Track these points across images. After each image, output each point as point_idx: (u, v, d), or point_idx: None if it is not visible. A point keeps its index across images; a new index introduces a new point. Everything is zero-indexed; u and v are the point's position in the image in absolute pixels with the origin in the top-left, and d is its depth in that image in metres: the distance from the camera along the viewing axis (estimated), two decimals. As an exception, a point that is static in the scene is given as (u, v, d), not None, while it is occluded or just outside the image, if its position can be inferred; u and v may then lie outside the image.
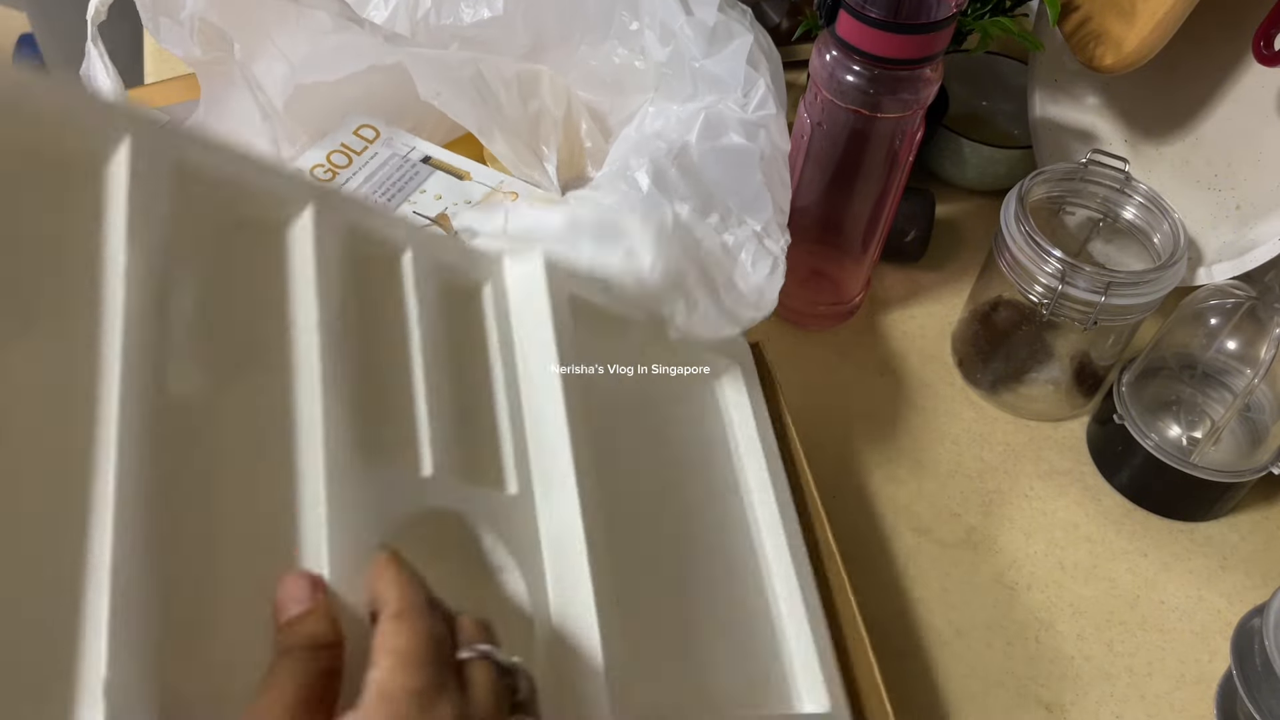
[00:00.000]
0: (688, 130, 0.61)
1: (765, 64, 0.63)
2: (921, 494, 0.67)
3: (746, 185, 0.60)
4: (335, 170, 0.69)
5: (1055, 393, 0.71)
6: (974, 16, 0.76)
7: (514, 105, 0.68)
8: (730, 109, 0.62)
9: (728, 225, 0.59)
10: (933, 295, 0.78)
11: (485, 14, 0.66)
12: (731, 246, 0.58)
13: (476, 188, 0.70)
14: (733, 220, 0.60)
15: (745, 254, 0.58)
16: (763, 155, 0.60)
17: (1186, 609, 0.63)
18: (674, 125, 0.62)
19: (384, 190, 0.69)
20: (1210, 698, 0.59)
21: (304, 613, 0.34)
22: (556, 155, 0.71)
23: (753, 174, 0.60)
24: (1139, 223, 0.68)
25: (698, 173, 0.60)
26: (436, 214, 0.68)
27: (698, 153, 0.60)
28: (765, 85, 0.62)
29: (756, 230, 0.59)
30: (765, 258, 0.58)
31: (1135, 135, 0.78)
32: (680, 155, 0.60)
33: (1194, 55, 0.73)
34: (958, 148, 0.82)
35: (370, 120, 0.71)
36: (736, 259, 0.58)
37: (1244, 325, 0.64)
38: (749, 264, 0.58)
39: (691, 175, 0.60)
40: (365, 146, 0.71)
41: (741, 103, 0.62)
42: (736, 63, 0.62)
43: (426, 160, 0.71)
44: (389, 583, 0.35)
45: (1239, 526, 0.67)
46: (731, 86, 0.63)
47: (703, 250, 0.57)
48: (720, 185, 0.60)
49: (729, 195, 0.60)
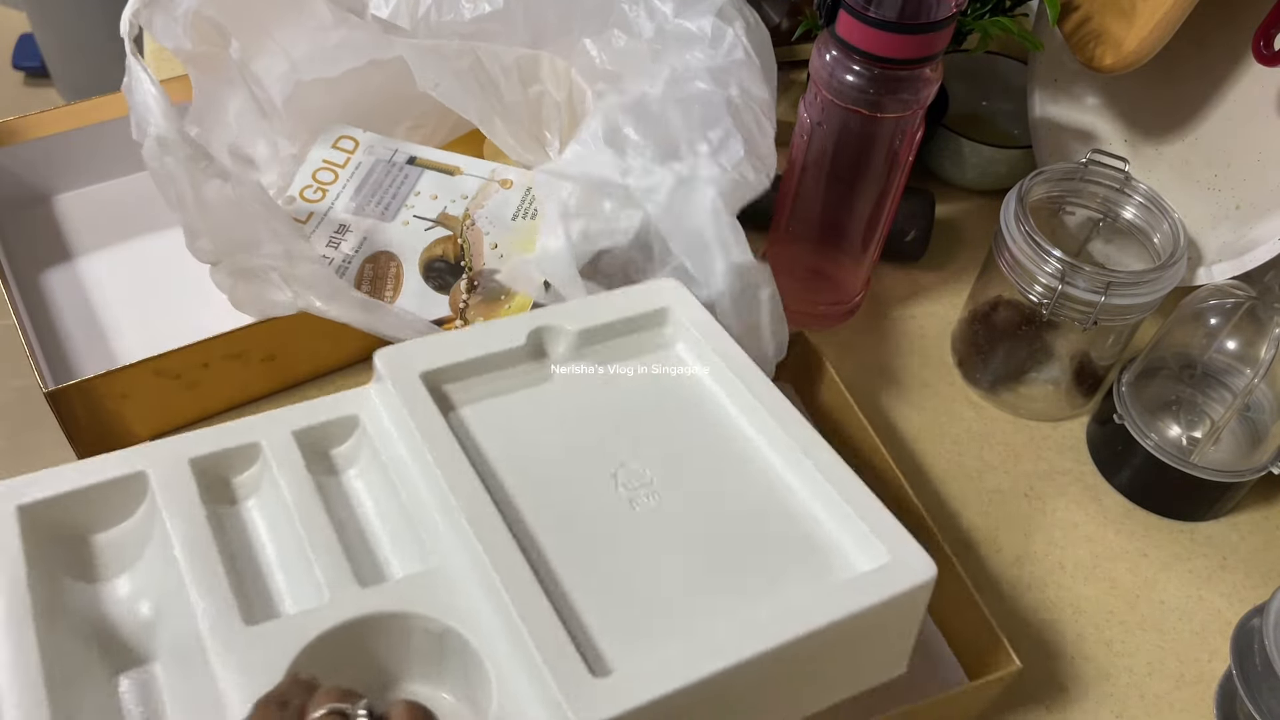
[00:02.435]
0: (652, 82, 0.61)
1: (740, 20, 0.63)
2: (921, 494, 0.67)
3: (715, 130, 0.59)
4: (324, 189, 0.69)
5: (1055, 393, 0.71)
6: (974, 16, 0.76)
7: (514, 91, 0.68)
8: (696, 58, 0.62)
9: (684, 161, 0.59)
10: (933, 295, 0.78)
11: (486, 8, 0.66)
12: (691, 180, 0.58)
13: (469, 181, 0.70)
14: (701, 164, 0.59)
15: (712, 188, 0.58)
16: (730, 100, 0.59)
17: (1186, 609, 0.63)
18: (641, 80, 0.62)
19: (377, 198, 0.68)
20: (1210, 698, 0.59)
21: None
22: (560, 138, 0.70)
23: (720, 118, 0.59)
24: (1139, 223, 0.68)
25: (657, 121, 0.59)
26: (437, 214, 0.68)
27: (658, 102, 0.59)
28: (734, 36, 0.61)
29: (721, 162, 0.58)
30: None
31: (1135, 135, 0.78)
32: (638, 106, 0.59)
33: (1194, 55, 0.73)
34: (958, 148, 0.82)
35: (348, 130, 0.71)
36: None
37: (1244, 325, 0.64)
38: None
39: (649, 124, 0.59)
40: (347, 158, 0.70)
41: (709, 53, 0.62)
42: (705, 18, 0.62)
43: (412, 161, 0.71)
44: None
45: (1239, 526, 0.67)
46: (700, 40, 0.62)
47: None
48: (686, 134, 0.59)
49: (697, 142, 0.59)
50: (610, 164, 0.59)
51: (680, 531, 0.51)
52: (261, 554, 0.50)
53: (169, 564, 0.48)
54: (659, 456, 0.54)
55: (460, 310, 0.64)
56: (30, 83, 1.96)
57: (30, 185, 0.74)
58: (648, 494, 0.52)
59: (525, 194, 0.69)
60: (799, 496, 0.53)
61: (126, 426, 0.63)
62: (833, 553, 0.50)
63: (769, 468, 0.54)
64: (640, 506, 0.52)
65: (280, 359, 0.66)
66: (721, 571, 0.49)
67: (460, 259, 0.66)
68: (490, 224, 0.68)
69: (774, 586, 0.49)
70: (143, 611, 0.49)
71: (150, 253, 0.73)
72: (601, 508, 0.51)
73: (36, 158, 0.73)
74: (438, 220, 0.68)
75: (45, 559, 0.48)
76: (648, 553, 0.50)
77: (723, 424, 0.56)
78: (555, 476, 0.52)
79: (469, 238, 0.67)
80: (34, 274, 0.71)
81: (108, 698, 0.46)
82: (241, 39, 0.65)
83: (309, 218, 0.67)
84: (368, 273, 0.65)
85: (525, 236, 0.67)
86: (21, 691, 0.42)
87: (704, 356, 0.58)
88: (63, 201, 0.75)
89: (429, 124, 0.74)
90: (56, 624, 0.46)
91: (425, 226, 0.67)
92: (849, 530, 0.51)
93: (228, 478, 0.52)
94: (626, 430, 0.55)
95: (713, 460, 0.54)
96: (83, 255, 0.72)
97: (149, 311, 0.69)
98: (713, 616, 0.47)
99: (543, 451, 0.53)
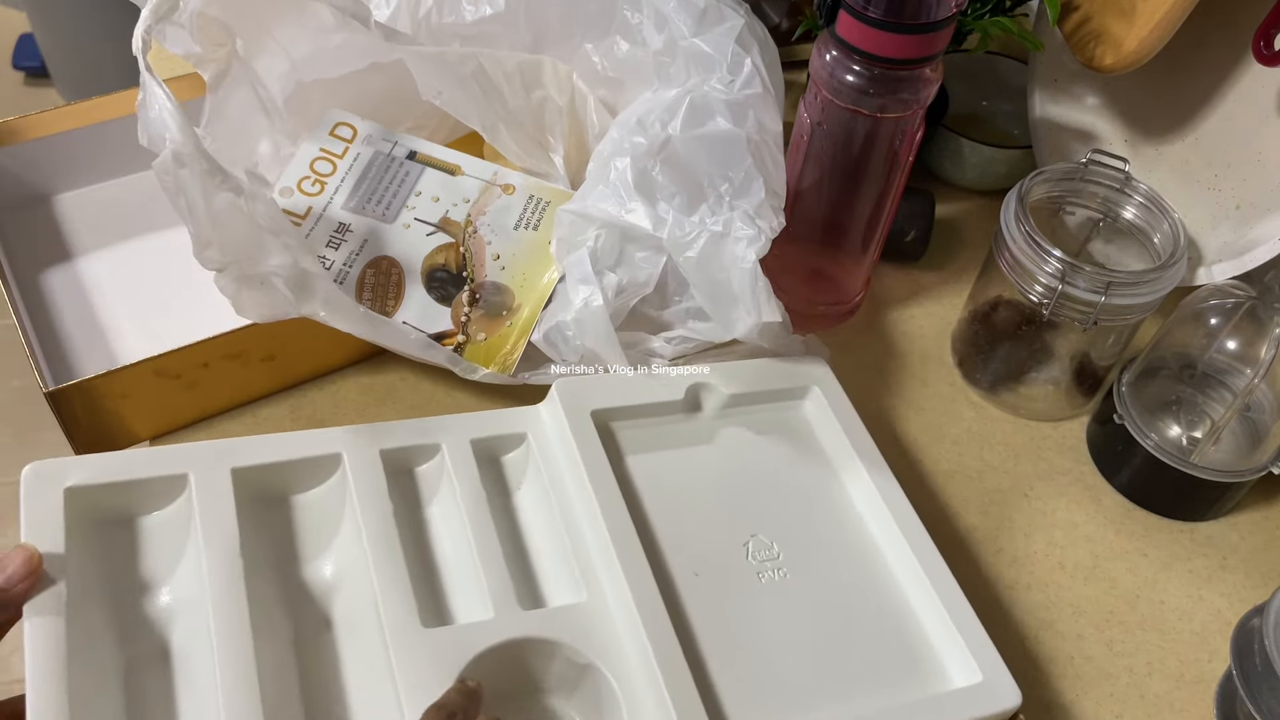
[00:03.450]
0: (672, 116, 0.61)
1: (756, 45, 0.63)
2: (921, 494, 0.67)
3: (736, 170, 0.60)
4: (322, 181, 0.68)
5: (1055, 393, 0.71)
6: (974, 16, 0.76)
7: (517, 96, 0.68)
8: (715, 90, 0.62)
9: (717, 214, 0.60)
10: (933, 295, 0.78)
11: (487, 10, 0.66)
12: (721, 237, 0.59)
13: (470, 182, 0.70)
14: (724, 208, 0.60)
15: (734, 245, 0.59)
16: (750, 139, 0.60)
17: (1186, 609, 0.63)
18: (659, 112, 0.62)
19: (376, 196, 0.68)
20: (1210, 698, 0.59)
21: None
22: (564, 145, 0.70)
23: (742, 158, 0.60)
24: (1139, 223, 0.68)
25: (684, 164, 0.60)
26: (439, 219, 0.68)
27: (682, 143, 0.60)
28: (752, 66, 0.62)
29: (749, 212, 0.59)
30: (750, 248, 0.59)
31: (1135, 135, 0.78)
32: (665, 150, 0.60)
33: (1194, 55, 0.73)
34: (958, 148, 0.82)
35: (346, 118, 0.70)
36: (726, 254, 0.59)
37: (1244, 325, 0.64)
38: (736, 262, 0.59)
39: (677, 168, 0.60)
40: (345, 147, 0.69)
41: (728, 82, 0.62)
42: (725, 42, 0.62)
43: (412, 156, 0.70)
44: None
45: (1239, 526, 0.67)
46: (716, 64, 0.62)
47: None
48: (709, 173, 0.60)
49: (719, 182, 0.60)
50: (643, 213, 0.60)
51: (801, 614, 0.55)
52: (436, 558, 0.55)
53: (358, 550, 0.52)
54: (787, 533, 0.58)
55: (462, 324, 0.65)
56: (30, 83, 1.96)
57: (30, 185, 0.74)
58: (774, 568, 0.56)
59: (528, 201, 0.69)
60: (909, 601, 0.57)
61: (126, 426, 0.63)
62: (932, 663, 0.54)
63: (884, 566, 0.58)
64: (765, 579, 0.56)
65: (280, 359, 0.66)
66: (833, 661, 0.53)
67: (462, 268, 0.66)
68: (492, 232, 0.67)
69: (878, 686, 0.53)
70: (327, 579, 0.54)
71: (150, 253, 0.73)
72: (732, 574, 0.56)
73: (36, 158, 0.73)
74: (439, 225, 0.67)
75: None
76: (770, 628, 0.54)
77: (845, 510, 0.60)
78: (696, 534, 0.57)
79: (471, 247, 0.67)
80: (34, 274, 0.71)
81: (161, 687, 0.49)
82: (244, 38, 0.65)
83: (307, 213, 0.66)
84: (369, 279, 0.65)
85: (529, 249, 0.67)
86: (41, 674, 0.44)
87: (837, 439, 0.62)
88: (63, 201, 0.75)
89: (430, 124, 0.74)
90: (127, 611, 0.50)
91: (427, 231, 0.67)
92: (949, 643, 0.54)
93: (412, 474, 0.57)
94: (761, 500, 0.59)
95: (834, 547, 0.58)
96: (83, 255, 0.72)
97: (149, 311, 0.69)
98: (824, 704, 0.51)
99: (688, 507, 0.58)
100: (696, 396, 0.62)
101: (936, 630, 0.55)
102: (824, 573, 0.57)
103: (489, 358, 0.64)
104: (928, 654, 0.54)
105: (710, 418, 0.62)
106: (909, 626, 0.55)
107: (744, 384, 0.62)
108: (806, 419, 0.64)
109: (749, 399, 0.63)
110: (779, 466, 0.61)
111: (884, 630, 0.55)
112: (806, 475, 0.61)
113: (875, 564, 0.58)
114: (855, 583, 0.57)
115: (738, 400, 0.62)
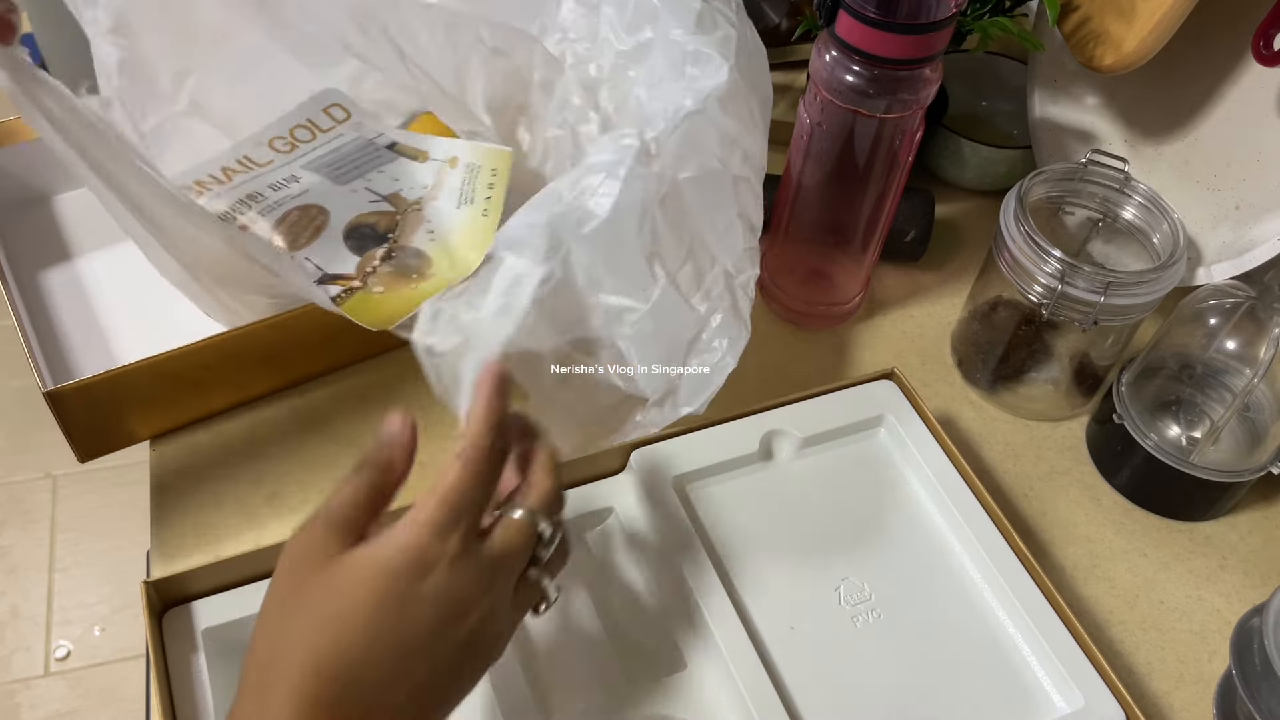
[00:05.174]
0: (650, 125, 0.55)
1: (745, 58, 0.59)
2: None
3: (720, 212, 0.57)
4: (295, 144, 0.68)
5: (1055, 393, 0.71)
6: (974, 16, 0.76)
7: (440, 51, 0.64)
8: (710, 119, 0.56)
9: (701, 276, 0.56)
10: (932, 295, 0.78)
11: None
12: (703, 313, 0.55)
13: (431, 167, 0.68)
14: (705, 262, 0.56)
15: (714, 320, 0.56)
16: (735, 179, 0.57)
17: (1186, 609, 0.63)
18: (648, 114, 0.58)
19: (340, 168, 0.67)
20: (1210, 698, 0.59)
21: (388, 443, 0.42)
22: (483, 93, 0.66)
23: (727, 202, 0.57)
24: (1139, 223, 0.68)
25: (684, 216, 0.55)
26: (389, 193, 0.67)
27: (686, 185, 0.55)
28: (747, 92, 0.58)
29: (728, 270, 0.56)
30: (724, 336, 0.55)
31: (1135, 135, 0.78)
32: (669, 197, 0.54)
33: (1194, 55, 0.73)
34: (958, 148, 0.82)
35: (344, 100, 0.70)
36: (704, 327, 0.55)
37: (1243, 325, 0.64)
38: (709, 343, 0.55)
39: (675, 218, 0.55)
40: (333, 126, 0.69)
41: (721, 111, 0.57)
42: (721, 67, 0.58)
43: (392, 146, 0.70)
44: (474, 418, 0.42)
45: (1238, 526, 0.67)
46: (712, 79, 0.57)
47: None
48: (698, 215, 0.56)
49: (705, 231, 0.56)
50: (642, 272, 0.53)
51: (898, 654, 0.55)
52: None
53: None
54: (877, 572, 0.57)
55: (365, 275, 0.62)
56: (30, 83, 1.96)
57: (30, 185, 0.74)
58: (868, 610, 0.56)
59: (466, 172, 0.66)
60: (1005, 629, 0.56)
61: (126, 427, 0.63)
62: (1034, 690, 0.54)
63: (977, 595, 0.58)
64: (861, 623, 0.55)
65: (280, 359, 0.66)
66: (936, 697, 0.53)
67: (390, 232, 0.64)
68: (438, 215, 0.65)
69: (982, 718, 0.53)
70: None
71: (150, 253, 0.73)
72: (828, 623, 0.55)
73: (36, 158, 0.73)
74: (387, 198, 0.66)
75: None
76: (872, 672, 0.54)
77: (933, 540, 0.60)
78: (787, 587, 0.57)
79: (409, 219, 0.65)
80: (34, 274, 0.71)
81: None
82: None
83: (268, 164, 0.66)
84: (292, 218, 0.64)
85: (461, 225, 0.64)
86: None
87: (916, 467, 0.62)
88: (63, 201, 0.75)
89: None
90: None
91: (371, 199, 0.66)
92: (1048, 669, 0.54)
93: None
94: (847, 541, 0.59)
95: (926, 581, 0.58)
96: (83, 255, 0.72)
97: (149, 311, 0.69)
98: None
99: (775, 559, 0.58)
100: (770, 445, 0.62)
101: (1035, 655, 0.55)
102: (919, 609, 0.56)
103: (375, 313, 0.59)
104: (1029, 681, 0.54)
105: (785, 463, 0.62)
106: (1008, 656, 0.55)
107: (815, 424, 0.62)
108: (884, 448, 0.63)
109: (822, 438, 0.62)
110: (860, 503, 0.60)
111: (984, 662, 0.55)
112: (888, 508, 0.60)
113: (968, 594, 0.57)
114: (951, 616, 0.56)
115: (812, 441, 0.62)
